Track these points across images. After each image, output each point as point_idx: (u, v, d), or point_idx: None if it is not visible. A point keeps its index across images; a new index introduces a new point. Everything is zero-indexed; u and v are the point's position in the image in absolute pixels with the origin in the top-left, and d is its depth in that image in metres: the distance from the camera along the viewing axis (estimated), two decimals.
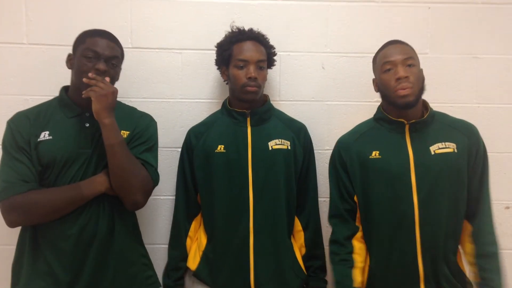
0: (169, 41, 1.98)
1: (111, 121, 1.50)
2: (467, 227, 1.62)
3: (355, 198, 1.68)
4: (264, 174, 1.72)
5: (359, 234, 1.69)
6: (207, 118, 1.88)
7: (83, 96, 1.50)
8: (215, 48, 1.82)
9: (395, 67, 1.57)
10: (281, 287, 1.73)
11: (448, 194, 1.57)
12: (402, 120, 1.61)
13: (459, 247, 1.65)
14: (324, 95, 2.02)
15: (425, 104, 1.67)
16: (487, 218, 1.61)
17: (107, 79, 1.53)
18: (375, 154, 1.63)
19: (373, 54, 1.71)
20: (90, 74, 1.50)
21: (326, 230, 1.90)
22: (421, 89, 1.59)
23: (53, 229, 1.52)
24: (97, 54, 1.54)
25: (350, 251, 1.66)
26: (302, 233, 1.81)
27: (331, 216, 1.73)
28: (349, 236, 1.68)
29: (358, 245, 1.67)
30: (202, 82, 2.00)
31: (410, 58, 1.57)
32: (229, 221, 1.72)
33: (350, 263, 1.65)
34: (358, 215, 1.69)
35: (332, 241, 1.71)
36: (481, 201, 1.61)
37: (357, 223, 1.69)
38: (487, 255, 1.57)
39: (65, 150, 1.54)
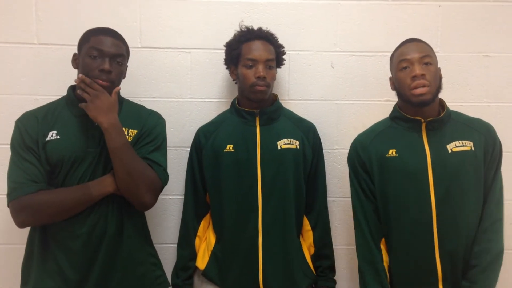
0: (178, 40, 1.98)
1: (110, 124, 1.48)
2: None
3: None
4: (273, 174, 1.71)
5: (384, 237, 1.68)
6: (216, 117, 1.88)
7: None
8: (224, 48, 1.82)
9: (411, 65, 1.56)
10: (289, 286, 1.72)
11: (466, 192, 1.56)
12: (419, 118, 1.60)
13: None
14: (334, 94, 2.01)
15: (442, 103, 1.66)
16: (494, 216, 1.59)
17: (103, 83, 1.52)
18: (392, 152, 1.62)
19: (383, 53, 1.71)
20: (78, 78, 1.50)
21: (335, 230, 1.91)
22: (438, 88, 1.59)
23: (63, 229, 1.53)
24: (101, 52, 1.53)
25: (382, 259, 1.64)
26: (311, 233, 1.81)
27: (359, 219, 1.67)
28: (379, 239, 1.66)
29: (383, 251, 1.66)
30: (211, 82, 2.00)
31: (427, 56, 1.56)
32: (238, 221, 1.72)
33: (385, 274, 1.62)
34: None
35: (363, 245, 1.66)
36: (490, 197, 1.60)
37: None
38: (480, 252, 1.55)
39: (73, 149, 1.53)
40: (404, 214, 1.59)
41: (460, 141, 1.59)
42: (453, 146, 1.58)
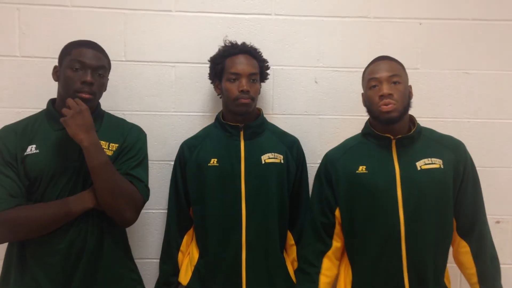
0: (163, 54, 1.98)
1: (90, 142, 1.46)
2: (463, 245, 1.63)
3: (337, 213, 1.68)
4: (257, 188, 1.71)
5: (331, 251, 1.68)
6: (200, 131, 1.88)
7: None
8: (208, 62, 1.83)
9: (380, 84, 1.58)
10: None
11: (435, 210, 1.57)
12: (389, 135, 1.62)
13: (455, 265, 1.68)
14: (317, 109, 2.03)
15: (412, 120, 1.68)
16: (485, 235, 1.63)
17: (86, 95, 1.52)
18: (361, 169, 1.63)
19: None
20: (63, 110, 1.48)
21: None
22: (406, 106, 1.60)
23: (41, 244, 1.50)
24: (83, 64, 1.52)
25: (318, 271, 1.66)
26: (294, 247, 1.81)
27: (308, 229, 1.73)
28: (320, 252, 1.68)
29: (327, 265, 1.67)
30: (195, 96, 2.00)
31: (395, 75, 1.58)
32: (221, 236, 1.71)
33: (315, 285, 1.65)
34: (335, 230, 1.69)
35: (302, 256, 1.72)
36: (477, 219, 1.62)
37: (334, 240, 1.69)
38: (489, 274, 1.61)
39: (52, 163, 1.52)
40: (372, 230, 1.59)
41: (429, 159, 1.60)
42: (422, 164, 1.60)
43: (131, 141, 1.65)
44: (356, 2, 2.02)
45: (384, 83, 1.57)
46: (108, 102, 1.76)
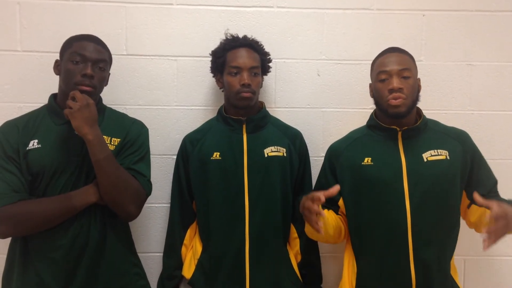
0: (165, 48, 1.98)
1: (95, 135, 1.46)
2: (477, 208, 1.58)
3: (340, 202, 1.67)
4: (260, 181, 1.71)
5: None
6: (203, 125, 1.88)
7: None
8: (210, 56, 1.82)
9: (390, 78, 1.57)
10: None
11: (441, 201, 1.56)
12: (395, 127, 1.61)
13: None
14: (320, 102, 2.02)
15: (418, 111, 1.67)
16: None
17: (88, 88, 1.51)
18: (367, 160, 1.62)
19: (368, 61, 1.72)
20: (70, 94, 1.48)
21: None
22: (415, 100, 1.59)
23: (44, 239, 1.50)
24: (84, 57, 1.52)
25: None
26: (297, 240, 1.81)
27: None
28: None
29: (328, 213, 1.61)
30: (198, 89, 2.00)
31: (406, 69, 1.57)
32: (224, 229, 1.71)
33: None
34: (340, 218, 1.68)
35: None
36: (494, 191, 1.63)
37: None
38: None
39: (54, 158, 1.52)
40: (378, 223, 1.58)
41: (436, 150, 1.59)
42: (429, 155, 1.59)
43: (133, 136, 1.65)
44: None
45: (394, 77, 1.55)
46: (110, 96, 1.76)
